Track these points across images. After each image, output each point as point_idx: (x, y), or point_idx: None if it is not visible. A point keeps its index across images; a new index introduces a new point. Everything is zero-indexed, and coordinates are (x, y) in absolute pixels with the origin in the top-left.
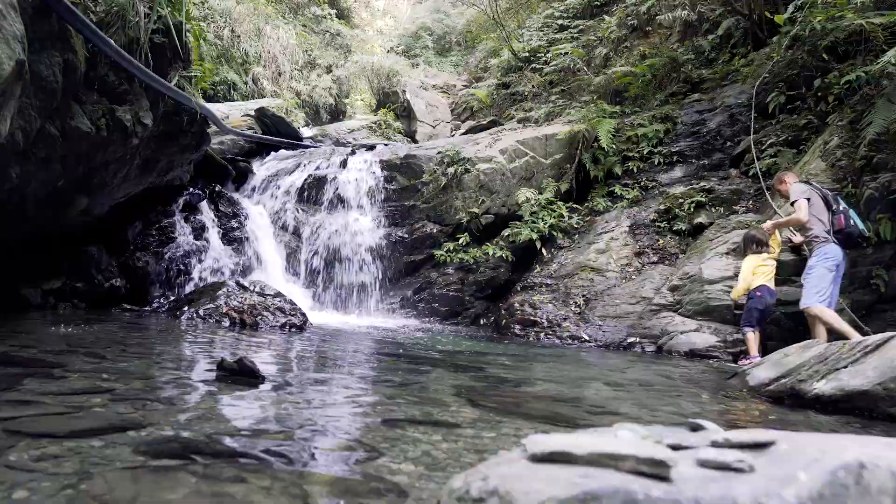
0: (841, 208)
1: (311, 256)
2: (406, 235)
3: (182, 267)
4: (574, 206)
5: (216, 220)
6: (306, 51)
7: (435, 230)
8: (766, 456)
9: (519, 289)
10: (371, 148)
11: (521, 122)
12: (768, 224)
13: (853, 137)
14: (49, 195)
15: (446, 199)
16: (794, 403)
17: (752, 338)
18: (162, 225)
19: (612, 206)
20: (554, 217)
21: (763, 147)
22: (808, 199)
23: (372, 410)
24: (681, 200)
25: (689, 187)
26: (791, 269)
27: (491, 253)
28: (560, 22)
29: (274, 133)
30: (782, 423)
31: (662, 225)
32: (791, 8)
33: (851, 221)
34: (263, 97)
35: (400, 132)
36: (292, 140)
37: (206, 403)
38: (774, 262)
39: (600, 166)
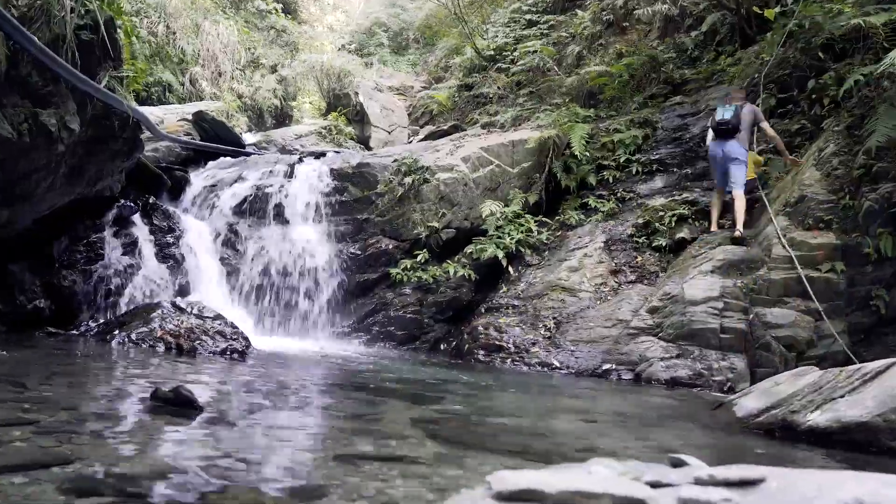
0: None
1: (255, 275)
2: (359, 252)
3: (112, 286)
4: (544, 219)
5: (150, 234)
6: (249, 49)
7: (390, 246)
8: (756, 494)
9: (483, 311)
10: (320, 155)
11: (485, 128)
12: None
13: (851, 144)
14: None
15: (403, 211)
16: (786, 436)
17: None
18: (91, 240)
19: (585, 220)
20: (522, 232)
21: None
22: None
23: (321, 444)
24: (661, 213)
25: (670, 199)
26: (781, 290)
27: (452, 271)
28: (528, 17)
29: (213, 139)
30: (773, 457)
31: (641, 240)
32: (784, 1)
33: None
34: (202, 100)
35: (352, 138)
36: (234, 147)
37: (138, 437)
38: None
39: (573, 176)
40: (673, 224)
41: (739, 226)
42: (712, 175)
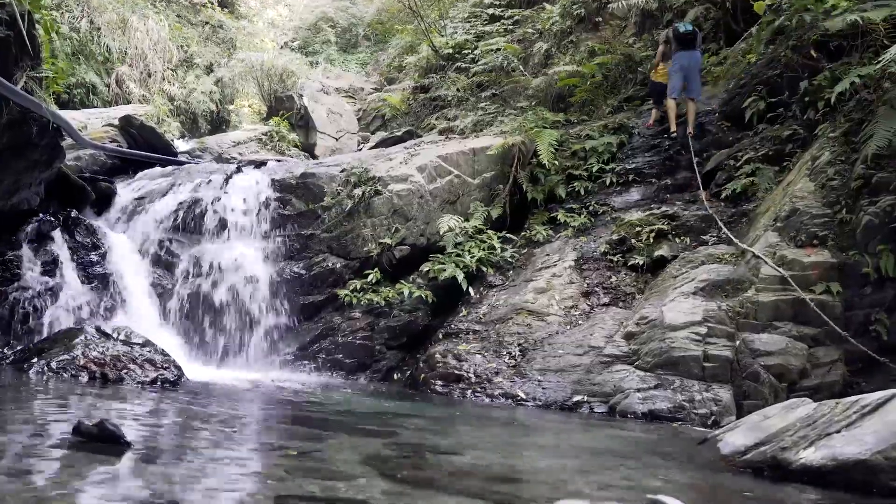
0: None
1: (188, 297)
2: (303, 271)
3: (30, 310)
4: (508, 235)
5: (72, 252)
6: (182, 47)
7: (338, 265)
8: None
9: (441, 336)
10: (261, 165)
11: (443, 134)
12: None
13: (848, 152)
14: None
15: (352, 227)
16: (777, 475)
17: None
18: (6, 258)
19: (554, 236)
20: (483, 249)
21: (738, 163)
22: None
23: (261, 485)
24: (638, 229)
25: (647, 213)
26: (771, 313)
27: (407, 293)
28: (491, 11)
29: (142, 147)
30: (762, 500)
31: (615, 258)
32: None
33: None
34: (129, 103)
35: (296, 145)
36: (165, 155)
37: (59, 477)
38: None
39: (540, 187)
40: (651, 240)
41: (691, 127)
42: (674, 84)
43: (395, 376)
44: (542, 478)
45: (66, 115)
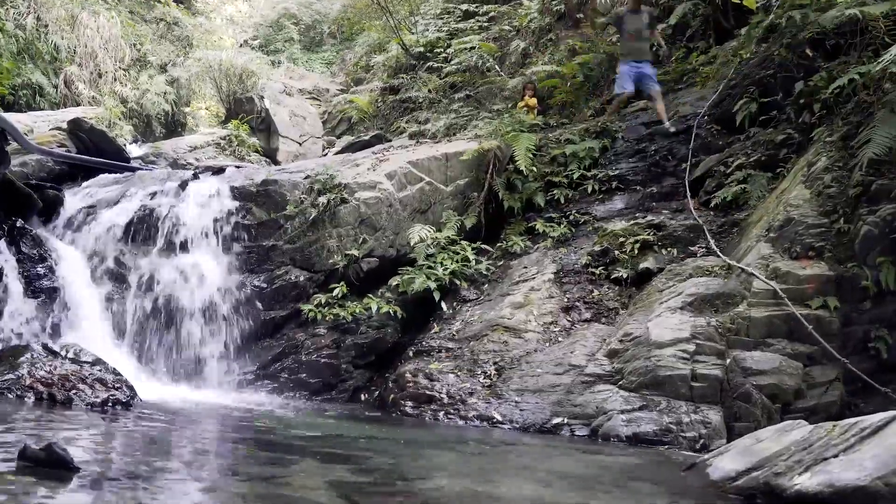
0: None
1: (142, 312)
2: (265, 285)
3: None
4: (483, 246)
5: (17, 264)
6: (135, 45)
7: (302, 278)
8: None
9: (412, 354)
10: (219, 171)
11: (413, 138)
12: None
13: (846, 158)
14: None
15: (317, 237)
16: (770, 502)
17: None
18: None
19: (532, 248)
20: (457, 261)
21: (729, 170)
22: None
23: None
24: (621, 239)
25: (632, 222)
26: (764, 330)
27: (375, 308)
28: (465, 7)
29: (93, 152)
30: None
31: (598, 271)
32: None
33: None
34: (79, 105)
35: (257, 151)
36: (117, 161)
37: None
38: None
39: (517, 195)
40: (635, 252)
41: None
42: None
43: (363, 397)
44: None
45: (12, 117)
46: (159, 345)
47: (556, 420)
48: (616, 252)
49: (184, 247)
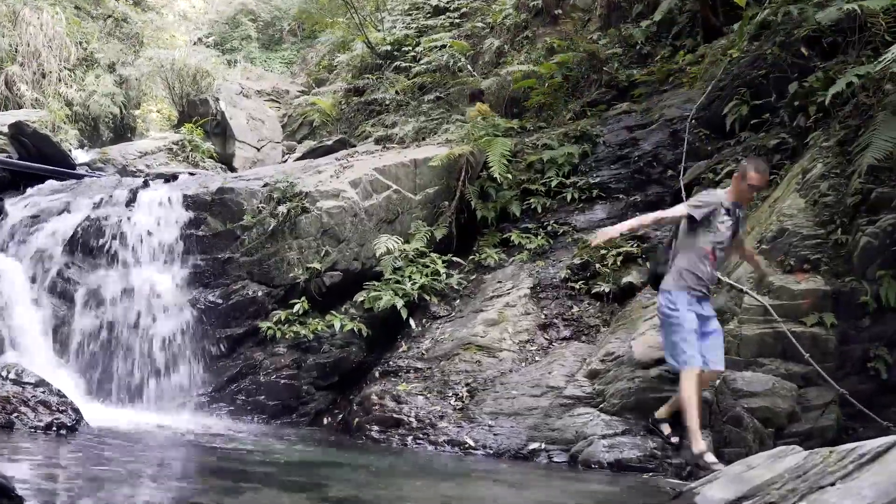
0: None
1: (89, 330)
2: (220, 300)
3: None
4: (455, 259)
5: None
6: (80, 43)
7: (260, 293)
8: None
9: (378, 375)
10: (171, 179)
11: (380, 143)
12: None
13: (843, 164)
14: None
15: (276, 249)
16: None
17: None
18: None
19: (507, 260)
20: (426, 275)
21: (718, 177)
22: None
23: None
24: (603, 252)
25: None
26: (755, 348)
27: (338, 325)
28: (435, 2)
29: (36, 158)
30: None
31: (577, 286)
32: None
33: None
34: (21, 107)
35: (212, 156)
36: (61, 168)
37: None
38: None
39: (491, 204)
40: (618, 265)
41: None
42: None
43: (326, 420)
44: None
45: None
46: (107, 364)
47: (533, 445)
48: (597, 265)
49: (133, 260)
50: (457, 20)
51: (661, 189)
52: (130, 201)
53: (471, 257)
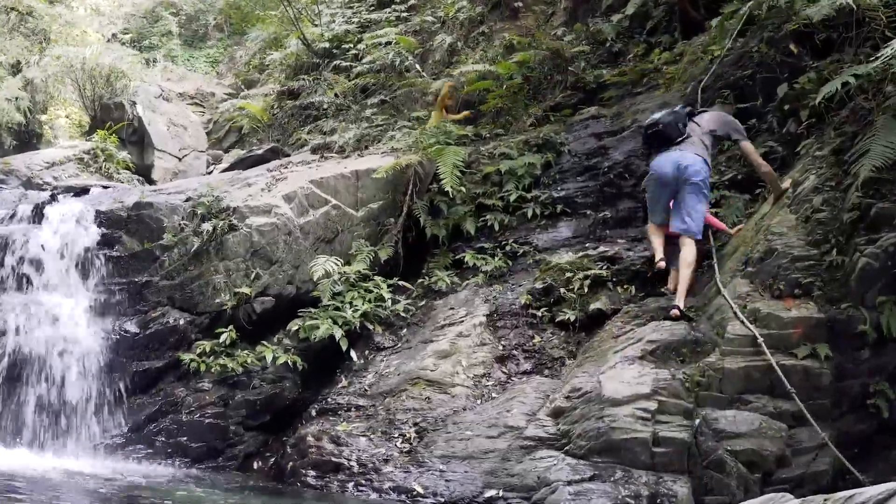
0: None
1: None
2: (137, 330)
3: None
4: (401, 283)
5: None
6: None
7: (182, 321)
8: None
9: (315, 413)
10: (82, 192)
11: (317, 152)
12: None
13: (839, 176)
14: None
15: (200, 272)
16: None
17: None
18: None
19: (460, 284)
20: (369, 301)
21: None
22: None
23: None
24: (568, 275)
25: (581, 254)
26: (741, 384)
27: (270, 358)
28: None
29: None
30: None
31: (540, 313)
32: None
33: None
34: None
35: (128, 167)
36: None
37: None
38: None
39: (442, 221)
40: (585, 290)
41: (681, 299)
42: (650, 207)
43: (256, 464)
44: None
45: None
46: (6, 403)
47: (490, 493)
48: (562, 290)
49: (38, 283)
50: (404, 14)
51: (634, 204)
52: (36, 217)
53: (420, 281)
